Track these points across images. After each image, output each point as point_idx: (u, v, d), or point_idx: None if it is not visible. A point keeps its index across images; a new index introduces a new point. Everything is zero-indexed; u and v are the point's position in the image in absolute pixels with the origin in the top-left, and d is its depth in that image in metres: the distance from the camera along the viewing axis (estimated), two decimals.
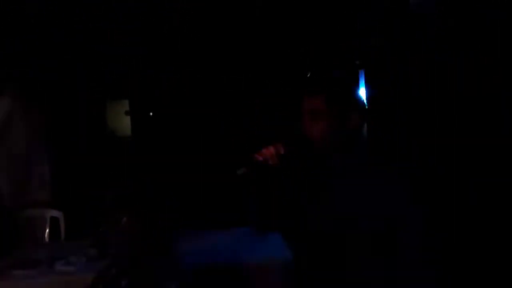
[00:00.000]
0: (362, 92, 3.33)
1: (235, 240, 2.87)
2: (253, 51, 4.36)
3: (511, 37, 2.54)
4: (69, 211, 3.73)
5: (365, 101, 1.44)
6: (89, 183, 4.45)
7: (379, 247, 1.25)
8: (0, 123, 4.35)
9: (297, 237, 1.44)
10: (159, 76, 4.61)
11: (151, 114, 4.90)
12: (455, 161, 2.89)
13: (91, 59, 4.42)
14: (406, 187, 1.31)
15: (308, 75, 1.43)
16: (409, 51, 3.28)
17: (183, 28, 4.18)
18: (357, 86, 1.47)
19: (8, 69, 4.29)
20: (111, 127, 5.07)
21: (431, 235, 1.27)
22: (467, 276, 2.47)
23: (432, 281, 1.25)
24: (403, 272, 1.25)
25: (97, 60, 4.44)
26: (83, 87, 4.58)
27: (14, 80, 4.41)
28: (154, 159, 4.62)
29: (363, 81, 3.88)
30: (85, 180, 4.47)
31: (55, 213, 3.65)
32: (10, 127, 4.39)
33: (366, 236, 1.26)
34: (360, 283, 1.28)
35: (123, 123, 5.12)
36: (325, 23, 3.94)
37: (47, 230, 3.60)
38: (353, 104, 1.37)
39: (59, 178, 4.51)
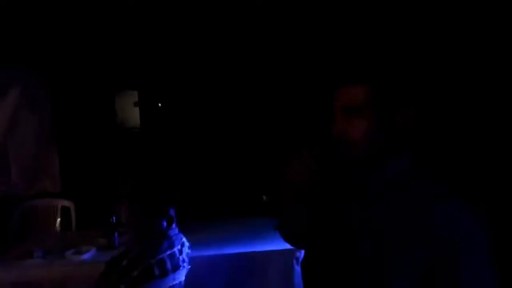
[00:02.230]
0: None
1: (246, 230, 2.88)
2: (266, 43, 4.32)
3: None
4: (80, 201, 3.77)
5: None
6: (99, 174, 4.48)
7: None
8: (10, 115, 4.40)
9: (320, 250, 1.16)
10: (168, 67, 4.60)
11: (159, 105, 4.91)
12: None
13: (100, 50, 4.43)
14: (470, 220, 0.95)
15: (345, 61, 1.08)
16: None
17: (193, 19, 4.16)
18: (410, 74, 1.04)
19: (16, 61, 4.32)
20: (120, 118, 5.09)
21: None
22: None
23: None
24: None
25: (106, 51, 4.44)
26: (92, 78, 4.60)
27: (22, 73, 4.45)
28: (163, 150, 4.64)
29: None
30: (95, 171, 4.51)
31: (66, 203, 3.69)
32: (20, 119, 4.44)
33: (403, 273, 0.95)
34: None
35: (132, 114, 5.14)
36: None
37: (58, 220, 3.64)
38: (403, 98, 1.03)
39: (70, 169, 4.56)
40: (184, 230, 2.01)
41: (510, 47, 2.67)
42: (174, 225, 1.90)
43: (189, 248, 2.01)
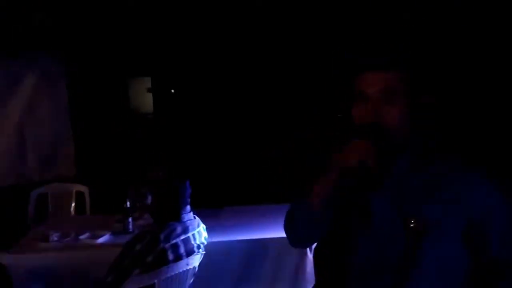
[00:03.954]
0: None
1: (261, 217, 2.87)
2: (280, 31, 4.26)
3: None
4: (94, 186, 3.80)
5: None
6: (114, 159, 4.51)
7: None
8: (27, 101, 4.43)
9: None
10: (181, 54, 4.58)
11: (172, 91, 4.89)
12: None
13: (114, 36, 4.42)
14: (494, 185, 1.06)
15: (376, 47, 1.11)
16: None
17: (205, 8, 4.11)
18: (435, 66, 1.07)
19: (33, 47, 4.34)
20: (133, 104, 5.10)
21: None
22: None
23: None
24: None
25: (120, 37, 4.43)
26: (106, 65, 4.60)
27: (39, 59, 4.47)
28: (176, 135, 4.64)
29: None
30: (110, 156, 4.53)
31: (80, 187, 3.72)
32: (37, 104, 4.48)
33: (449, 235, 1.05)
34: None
35: (146, 100, 5.15)
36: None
37: (73, 204, 3.67)
38: (427, 82, 1.11)
39: (84, 154, 4.59)
40: (198, 216, 2.00)
41: None
42: (188, 210, 1.89)
43: (205, 238, 2.00)
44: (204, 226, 2.00)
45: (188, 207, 1.89)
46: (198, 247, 1.91)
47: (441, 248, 1.05)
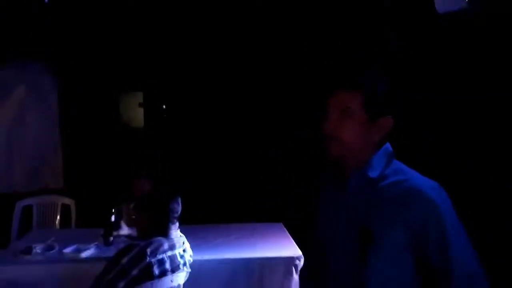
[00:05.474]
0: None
1: (247, 235, 2.86)
2: (267, 47, 4.33)
3: None
4: (80, 199, 3.76)
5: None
6: (102, 173, 4.48)
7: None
8: (16, 113, 4.42)
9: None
10: (173, 69, 4.61)
11: (164, 106, 4.91)
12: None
13: (106, 51, 4.45)
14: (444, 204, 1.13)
15: (343, 68, 1.21)
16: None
17: (196, 22, 4.18)
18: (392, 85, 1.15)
19: (24, 59, 4.35)
20: (124, 119, 5.09)
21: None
22: None
23: None
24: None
25: (112, 52, 4.46)
26: (98, 79, 4.61)
27: (30, 71, 4.47)
28: (166, 150, 4.64)
29: None
30: (98, 170, 4.51)
31: (66, 200, 3.69)
32: (26, 117, 4.46)
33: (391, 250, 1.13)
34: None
35: (137, 115, 5.14)
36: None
37: (58, 217, 3.63)
38: (388, 104, 1.19)
39: (73, 167, 4.56)
40: (184, 233, 2.00)
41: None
42: (176, 227, 1.89)
43: (190, 256, 1.99)
44: (188, 244, 2.00)
45: (177, 224, 1.89)
46: (184, 264, 1.90)
47: (387, 260, 1.13)
